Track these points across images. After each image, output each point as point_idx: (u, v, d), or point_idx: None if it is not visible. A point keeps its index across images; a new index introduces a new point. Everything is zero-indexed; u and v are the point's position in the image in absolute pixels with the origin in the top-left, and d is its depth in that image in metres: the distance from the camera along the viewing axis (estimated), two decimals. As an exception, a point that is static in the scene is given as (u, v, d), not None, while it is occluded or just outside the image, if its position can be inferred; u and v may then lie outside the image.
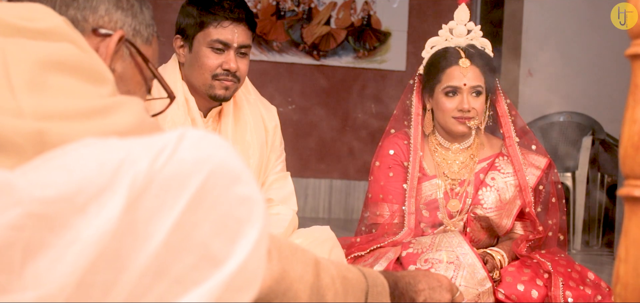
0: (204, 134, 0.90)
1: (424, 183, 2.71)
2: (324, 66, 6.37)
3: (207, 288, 0.85)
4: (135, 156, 0.85)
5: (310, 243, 2.45)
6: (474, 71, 2.62)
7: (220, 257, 0.86)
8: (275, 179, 2.54)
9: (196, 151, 0.87)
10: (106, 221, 0.82)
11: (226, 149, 0.90)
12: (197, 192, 0.86)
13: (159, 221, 0.84)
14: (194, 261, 0.86)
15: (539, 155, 2.76)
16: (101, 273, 0.82)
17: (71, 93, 0.98)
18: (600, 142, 5.24)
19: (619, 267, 1.04)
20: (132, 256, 0.83)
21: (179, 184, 0.85)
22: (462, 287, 2.45)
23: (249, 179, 0.90)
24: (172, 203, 0.85)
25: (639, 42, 1.02)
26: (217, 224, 0.87)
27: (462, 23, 2.71)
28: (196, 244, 0.86)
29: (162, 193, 0.85)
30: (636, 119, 1.02)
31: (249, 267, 0.87)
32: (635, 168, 1.02)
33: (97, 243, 0.81)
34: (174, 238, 0.85)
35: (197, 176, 0.86)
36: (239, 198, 0.88)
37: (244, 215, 0.88)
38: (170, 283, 0.85)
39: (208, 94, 2.38)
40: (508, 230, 2.70)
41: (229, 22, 2.35)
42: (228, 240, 0.87)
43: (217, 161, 0.88)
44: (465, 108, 2.61)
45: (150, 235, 0.84)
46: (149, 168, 0.85)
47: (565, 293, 2.49)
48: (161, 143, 0.87)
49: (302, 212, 6.02)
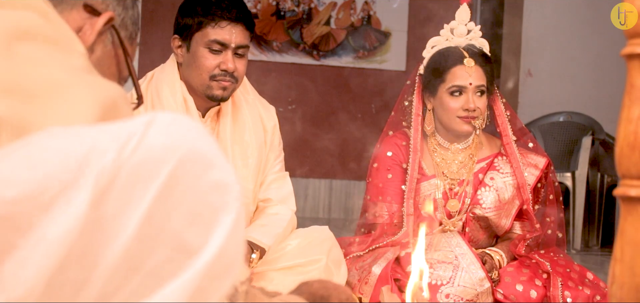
0: (174, 118, 0.86)
1: (422, 183, 2.71)
2: (324, 66, 6.37)
3: (184, 279, 0.82)
4: (102, 146, 0.81)
5: (309, 243, 2.45)
6: (478, 70, 2.63)
7: (195, 247, 0.83)
8: (274, 179, 2.54)
9: (166, 137, 0.84)
10: (72, 218, 0.78)
11: (198, 133, 0.86)
12: (168, 181, 0.82)
13: (129, 214, 0.81)
14: (168, 253, 0.82)
15: (538, 155, 2.76)
16: (71, 272, 0.79)
17: (40, 62, 0.95)
18: (600, 142, 5.23)
19: (615, 266, 1.04)
20: (102, 253, 0.80)
21: (148, 174, 0.82)
22: (461, 287, 2.45)
23: (222, 163, 0.86)
24: (142, 194, 0.81)
25: (635, 42, 1.02)
26: (190, 213, 0.83)
27: (463, 23, 2.71)
28: (169, 235, 0.83)
29: (130, 184, 0.81)
30: (632, 119, 1.02)
31: (227, 254, 0.84)
32: (631, 168, 1.02)
33: (64, 241, 0.78)
34: (146, 231, 0.82)
35: (167, 164, 0.82)
36: (212, 184, 0.85)
37: (218, 202, 0.85)
38: (145, 277, 0.82)
39: (206, 95, 2.38)
40: (507, 230, 2.70)
41: (227, 23, 2.34)
42: (202, 229, 0.84)
43: (188, 147, 0.84)
44: (471, 108, 2.60)
45: (120, 229, 0.81)
46: (115, 158, 0.81)
47: (564, 293, 2.49)
48: (129, 130, 0.83)
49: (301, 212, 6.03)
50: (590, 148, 5.11)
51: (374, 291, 2.47)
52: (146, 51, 5.77)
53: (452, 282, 2.46)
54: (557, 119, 5.37)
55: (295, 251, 2.43)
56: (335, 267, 2.44)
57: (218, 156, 0.86)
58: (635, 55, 1.02)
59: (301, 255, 2.41)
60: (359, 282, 2.52)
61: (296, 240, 2.46)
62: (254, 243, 2.39)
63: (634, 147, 1.01)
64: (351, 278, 2.55)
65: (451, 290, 2.45)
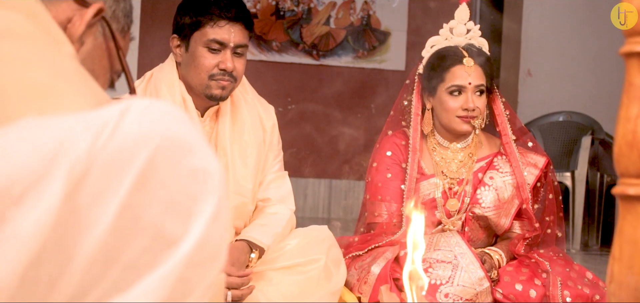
0: (150, 104, 0.83)
1: (422, 183, 2.70)
2: (323, 66, 6.37)
3: (164, 270, 0.80)
4: (75, 136, 0.79)
5: (308, 243, 2.45)
6: (477, 70, 2.62)
7: (174, 236, 0.81)
8: (273, 179, 2.54)
9: (141, 124, 0.80)
10: (45, 211, 0.76)
11: (176, 120, 0.83)
12: (144, 169, 0.79)
13: (104, 204, 0.78)
14: (147, 243, 0.80)
15: (537, 154, 2.75)
16: (45, 267, 0.77)
17: (24, 63, 0.92)
18: (600, 142, 5.23)
19: (613, 265, 1.04)
20: (77, 246, 0.78)
21: (123, 163, 0.79)
22: (460, 286, 2.45)
23: (201, 150, 0.83)
24: (117, 184, 0.79)
25: (634, 41, 1.02)
26: (168, 202, 0.81)
27: (462, 22, 2.71)
28: (147, 225, 0.80)
29: (105, 174, 0.78)
30: (630, 117, 1.01)
31: (209, 243, 0.82)
32: (629, 167, 1.02)
33: (37, 236, 0.76)
34: (122, 221, 0.79)
35: (142, 152, 0.79)
36: (190, 172, 0.82)
37: (197, 189, 0.82)
38: (124, 268, 0.79)
39: (204, 94, 2.37)
40: (506, 230, 2.70)
41: (225, 22, 2.34)
42: (181, 218, 0.81)
43: (165, 134, 0.81)
44: (470, 107, 2.60)
45: (96, 220, 0.78)
46: (89, 148, 0.78)
47: (564, 293, 2.49)
48: (103, 119, 0.80)
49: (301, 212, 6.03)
50: (590, 147, 5.11)
51: (373, 291, 2.47)
52: (145, 50, 5.77)
53: (452, 282, 2.46)
54: (557, 118, 5.37)
55: (295, 250, 2.43)
56: (334, 267, 2.44)
57: (197, 142, 0.83)
58: (634, 53, 1.02)
59: (300, 254, 2.41)
60: (358, 282, 2.52)
61: (295, 240, 2.46)
62: (253, 243, 2.39)
63: (633, 145, 1.01)
64: (350, 277, 2.55)
65: (450, 289, 2.45)
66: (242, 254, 2.35)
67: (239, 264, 2.32)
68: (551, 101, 5.74)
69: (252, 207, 2.50)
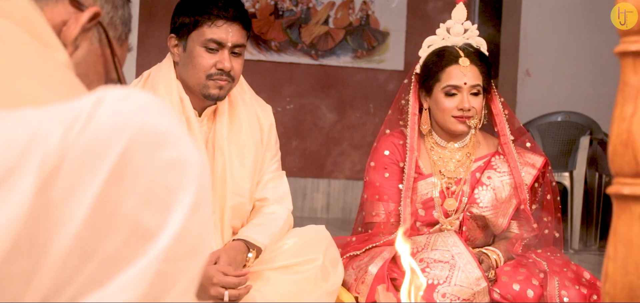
0: (126, 94, 0.81)
1: (420, 182, 2.70)
2: (322, 66, 6.37)
3: (142, 264, 0.78)
4: (46, 129, 0.77)
5: (305, 243, 2.45)
6: (473, 70, 2.62)
7: (152, 230, 0.79)
8: (271, 179, 2.54)
9: (115, 115, 0.78)
10: (17, 206, 0.74)
11: (152, 110, 0.81)
12: (118, 161, 0.77)
13: (78, 198, 0.77)
14: (124, 237, 0.78)
15: (535, 154, 2.75)
16: (18, 263, 0.75)
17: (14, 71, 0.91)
18: (598, 142, 5.23)
19: (608, 265, 1.04)
20: (51, 241, 0.76)
21: (97, 155, 0.77)
22: (458, 286, 2.45)
23: (179, 140, 0.81)
24: (91, 177, 0.76)
25: (628, 40, 1.02)
26: (145, 194, 0.79)
27: (459, 22, 2.71)
28: (123, 219, 0.78)
29: (78, 167, 0.76)
30: (625, 117, 1.01)
31: (188, 235, 0.80)
32: (624, 166, 1.02)
33: (9, 231, 0.74)
34: (97, 215, 0.77)
35: (116, 143, 0.77)
36: (167, 163, 0.79)
37: (174, 181, 0.79)
38: (101, 263, 0.78)
39: (202, 94, 2.37)
40: (504, 229, 2.70)
41: (223, 22, 2.34)
42: (158, 210, 0.79)
43: (140, 124, 0.79)
44: (465, 107, 2.60)
45: (70, 214, 0.76)
46: (61, 140, 0.76)
47: (561, 293, 2.49)
48: (76, 110, 0.78)
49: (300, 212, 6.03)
50: (588, 147, 5.11)
51: (370, 290, 2.47)
52: (144, 50, 5.77)
53: (449, 281, 2.46)
54: (555, 118, 5.37)
55: (292, 250, 2.43)
56: (331, 266, 2.44)
57: (175, 133, 0.81)
58: (628, 53, 1.02)
59: (298, 254, 2.41)
60: (356, 282, 2.52)
61: (293, 239, 2.46)
62: (250, 242, 2.39)
63: (627, 145, 1.01)
64: (348, 277, 2.55)
65: (448, 289, 2.45)
66: (240, 253, 2.35)
67: (236, 264, 2.32)
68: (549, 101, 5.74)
69: (249, 207, 2.50)
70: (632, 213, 1.01)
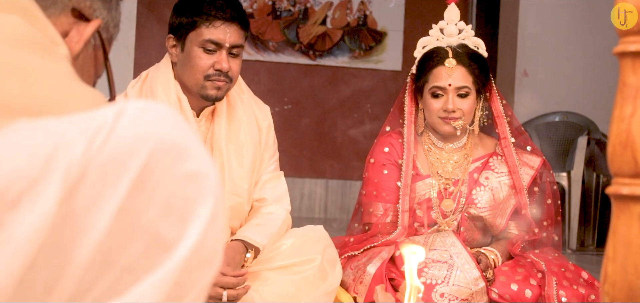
0: (145, 107, 0.83)
1: (417, 183, 2.70)
2: (320, 66, 6.37)
3: (161, 273, 0.79)
4: (70, 139, 0.78)
5: (303, 243, 2.45)
6: (461, 71, 2.62)
7: (170, 240, 0.80)
8: (269, 179, 2.54)
9: (136, 127, 0.80)
10: (41, 215, 0.76)
11: (171, 123, 0.83)
12: (139, 174, 0.79)
13: (100, 209, 0.78)
14: (143, 247, 0.80)
15: (533, 155, 2.76)
16: (42, 271, 0.77)
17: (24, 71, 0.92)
18: (596, 142, 5.24)
19: (607, 265, 1.04)
20: (73, 249, 0.78)
21: (119, 167, 0.79)
22: (456, 286, 2.45)
23: (196, 153, 0.83)
24: (113, 188, 0.78)
25: (627, 40, 1.02)
26: (164, 206, 0.80)
27: (452, 23, 2.71)
28: (143, 229, 0.80)
29: (100, 177, 0.78)
30: (624, 117, 1.01)
31: (205, 246, 0.82)
32: (623, 166, 1.02)
33: (34, 240, 0.75)
34: (118, 226, 0.79)
35: (138, 155, 0.79)
36: (186, 175, 0.81)
37: (192, 193, 0.81)
38: (120, 272, 0.79)
39: (200, 94, 2.37)
40: (502, 230, 2.70)
41: (221, 22, 2.33)
42: (177, 221, 0.81)
43: (160, 137, 0.81)
44: (449, 109, 2.60)
45: (92, 224, 0.78)
46: (84, 152, 0.78)
47: (559, 293, 2.49)
48: (98, 122, 0.80)
49: (298, 212, 6.03)
50: (586, 147, 5.11)
51: (368, 290, 2.47)
52: (142, 50, 5.76)
53: (447, 281, 2.46)
54: (553, 119, 5.37)
55: (290, 250, 2.43)
56: (330, 266, 2.43)
57: (193, 145, 0.83)
58: (627, 53, 1.02)
59: (296, 254, 2.41)
60: (354, 282, 2.52)
61: (291, 240, 2.46)
62: (248, 243, 2.39)
63: (626, 145, 1.01)
64: (346, 277, 2.55)
65: (446, 289, 2.45)
66: (238, 254, 2.35)
67: (235, 264, 2.32)
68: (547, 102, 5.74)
69: (247, 207, 2.50)
70: (632, 213, 1.02)
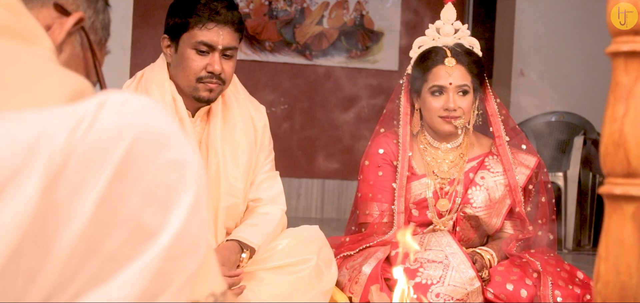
0: (127, 98, 0.84)
1: (413, 183, 2.71)
2: (316, 66, 6.37)
3: (143, 262, 0.80)
4: (52, 129, 0.79)
5: (299, 243, 2.44)
6: (460, 70, 2.62)
7: (153, 229, 0.82)
8: (264, 179, 2.54)
9: (118, 117, 0.82)
10: (24, 204, 0.77)
11: (153, 113, 0.84)
12: (121, 163, 0.80)
13: (82, 198, 0.79)
14: (126, 236, 0.81)
15: (529, 154, 2.76)
16: (25, 260, 0.78)
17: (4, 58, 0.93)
18: (592, 142, 5.24)
19: (600, 264, 1.04)
20: (56, 239, 0.79)
21: (101, 157, 0.80)
22: (451, 286, 2.45)
23: (178, 142, 0.84)
24: (95, 177, 0.79)
25: (619, 40, 1.02)
26: (146, 194, 0.82)
27: (448, 22, 2.71)
28: (126, 218, 0.81)
29: (83, 167, 0.79)
30: (617, 117, 1.02)
31: (187, 235, 0.83)
32: (615, 166, 1.02)
33: (16, 229, 0.77)
34: (101, 214, 0.80)
35: (119, 145, 0.80)
36: (168, 164, 0.83)
37: (174, 181, 0.82)
38: (103, 261, 0.80)
39: (193, 96, 2.36)
40: (497, 229, 2.71)
41: (214, 24, 2.32)
42: (160, 210, 0.82)
43: (142, 127, 0.82)
44: (451, 107, 2.61)
45: (74, 213, 0.79)
46: (66, 141, 0.79)
47: (554, 293, 2.49)
48: (80, 113, 0.81)
49: (294, 212, 6.03)
50: (582, 147, 5.11)
51: (364, 290, 2.47)
52: (138, 50, 5.76)
53: (443, 281, 2.46)
54: (549, 118, 5.38)
55: (286, 250, 2.42)
56: (325, 267, 2.43)
57: (175, 134, 0.84)
58: (620, 53, 1.02)
59: (291, 254, 2.41)
60: (350, 282, 2.52)
61: (286, 240, 2.46)
62: (243, 243, 2.38)
63: (619, 145, 1.01)
64: (341, 277, 2.55)
65: (441, 289, 2.45)
66: (233, 254, 2.35)
67: (230, 264, 2.32)
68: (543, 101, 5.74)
69: (243, 207, 2.50)
70: (624, 213, 1.02)
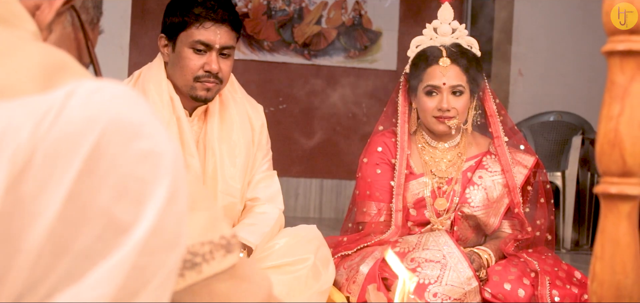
0: (98, 86, 0.79)
1: (411, 182, 2.71)
2: (315, 66, 6.37)
3: (118, 257, 0.77)
4: (16, 123, 0.76)
5: (296, 242, 2.44)
6: (455, 70, 2.62)
7: (126, 223, 0.78)
8: (262, 178, 2.54)
9: (86, 108, 0.77)
10: None
11: (124, 101, 0.79)
12: (90, 155, 0.76)
13: (50, 193, 0.76)
14: (98, 231, 0.77)
15: (527, 154, 2.76)
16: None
17: None
18: (590, 141, 5.25)
19: (596, 264, 1.04)
20: (23, 237, 0.75)
21: (68, 149, 0.76)
22: (449, 286, 2.45)
23: (151, 131, 0.80)
24: (62, 171, 0.76)
25: (615, 39, 1.02)
26: (118, 188, 0.78)
27: (446, 22, 2.71)
28: (97, 213, 0.77)
29: (49, 161, 0.75)
30: (612, 116, 1.02)
31: (164, 228, 0.79)
32: (611, 165, 1.02)
33: None
34: (70, 210, 0.76)
35: (87, 137, 0.76)
36: (140, 155, 0.78)
37: (147, 173, 0.79)
38: (75, 258, 0.77)
39: (190, 95, 2.37)
40: (495, 229, 2.71)
41: (211, 23, 2.32)
42: (133, 204, 0.78)
43: (112, 116, 0.78)
44: (444, 107, 2.61)
45: (42, 210, 0.76)
46: (31, 135, 0.75)
47: (552, 292, 2.49)
48: (47, 104, 0.77)
49: (292, 212, 6.03)
50: (580, 147, 5.12)
51: (361, 290, 2.47)
52: (136, 49, 5.75)
53: (440, 281, 2.46)
54: (548, 118, 5.38)
55: (283, 250, 2.42)
56: (323, 266, 2.43)
57: (148, 123, 0.80)
58: (615, 52, 1.02)
59: (289, 253, 2.40)
60: (347, 281, 2.52)
61: (284, 239, 2.46)
62: (241, 242, 2.38)
63: (614, 144, 1.01)
64: (339, 277, 2.55)
65: (439, 289, 2.45)
66: (230, 253, 2.34)
67: (227, 263, 2.31)
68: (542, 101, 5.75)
69: (240, 207, 2.50)
70: (620, 212, 1.02)
